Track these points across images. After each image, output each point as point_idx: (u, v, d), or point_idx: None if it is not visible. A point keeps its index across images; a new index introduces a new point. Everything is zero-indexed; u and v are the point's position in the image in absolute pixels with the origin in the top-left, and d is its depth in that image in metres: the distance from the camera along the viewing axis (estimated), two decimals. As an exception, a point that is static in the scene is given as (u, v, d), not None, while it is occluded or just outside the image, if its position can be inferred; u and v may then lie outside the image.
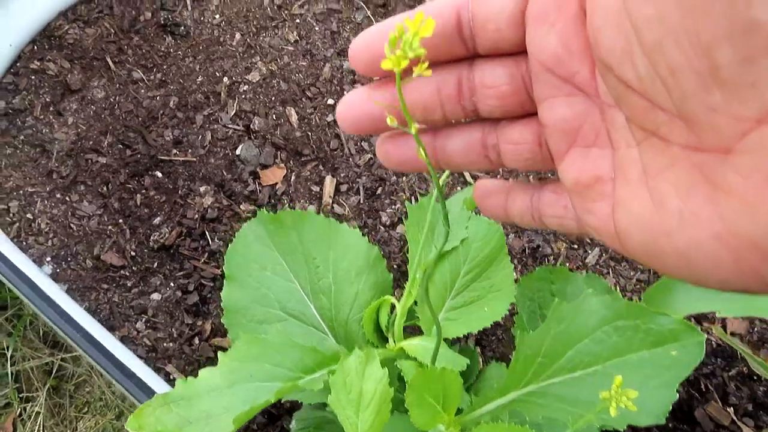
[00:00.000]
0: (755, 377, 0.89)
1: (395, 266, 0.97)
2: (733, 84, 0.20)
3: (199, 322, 0.92)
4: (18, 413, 1.05)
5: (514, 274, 0.96)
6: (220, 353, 0.55)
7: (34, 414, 1.04)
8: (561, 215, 0.31)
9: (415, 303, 0.60)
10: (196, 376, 0.88)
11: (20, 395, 1.07)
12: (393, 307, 0.61)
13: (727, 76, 0.20)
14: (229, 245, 0.65)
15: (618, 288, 0.94)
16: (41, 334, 1.09)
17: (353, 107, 0.32)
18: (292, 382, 0.52)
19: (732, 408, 0.86)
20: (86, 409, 1.06)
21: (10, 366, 1.08)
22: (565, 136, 0.28)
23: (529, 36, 0.28)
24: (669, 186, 0.24)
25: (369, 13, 1.17)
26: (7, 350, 1.07)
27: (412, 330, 0.68)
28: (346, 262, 0.62)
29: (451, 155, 0.33)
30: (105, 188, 1.01)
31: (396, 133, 0.33)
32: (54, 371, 1.09)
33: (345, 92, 1.11)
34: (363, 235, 1.00)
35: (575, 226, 0.31)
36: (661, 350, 0.50)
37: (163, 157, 1.03)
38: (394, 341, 0.59)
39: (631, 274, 0.96)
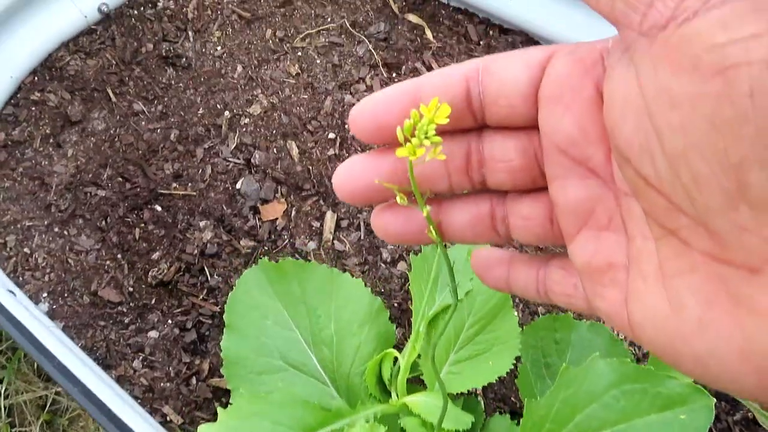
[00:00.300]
0: (760, 422, 0.88)
1: (396, 304, 0.96)
2: (764, 205, 0.20)
3: (197, 361, 0.91)
4: (10, 449, 1.03)
5: (517, 314, 0.96)
6: (219, 409, 0.54)
7: (26, 450, 1.03)
8: (569, 294, 0.30)
9: (419, 356, 0.59)
10: (193, 418, 0.87)
11: (13, 429, 1.05)
12: (396, 359, 0.60)
13: (758, 197, 0.20)
14: (230, 293, 0.64)
15: (620, 329, 0.93)
16: (35, 367, 1.08)
17: (352, 176, 0.30)
18: (294, 441, 0.51)
19: (736, 454, 0.85)
20: (80, 445, 1.04)
21: (4, 399, 1.06)
22: (577, 218, 0.28)
23: (542, 116, 0.27)
24: (688, 291, 0.23)
25: (371, 47, 1.17)
26: (1, 384, 1.05)
27: (416, 380, 0.67)
28: (349, 312, 0.61)
29: (457, 228, 0.32)
30: (103, 222, 1.00)
31: (394, 203, 0.31)
32: (48, 405, 1.07)
33: (346, 126, 1.10)
34: (363, 272, 1.00)
35: (585, 306, 0.30)
36: (670, 414, 0.49)
37: (162, 191, 1.03)
38: (397, 395, 0.58)
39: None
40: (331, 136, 1.09)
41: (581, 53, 0.26)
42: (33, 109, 1.08)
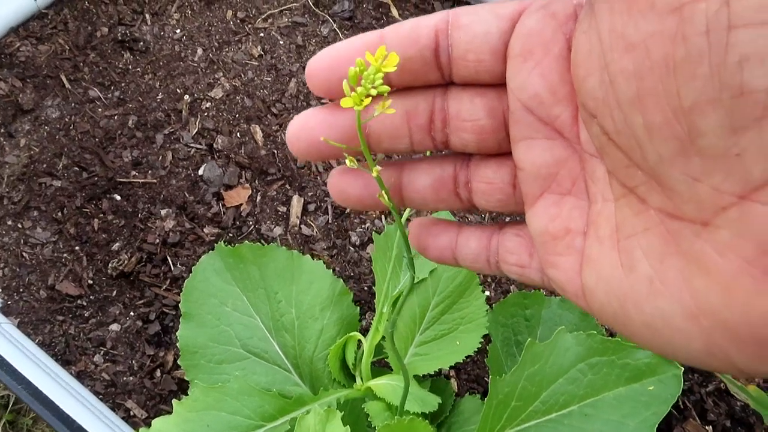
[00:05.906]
0: (732, 392, 0.88)
1: (366, 288, 0.94)
2: (716, 154, 0.18)
3: (161, 353, 0.88)
4: (-29, 452, 1.00)
5: (487, 292, 0.94)
6: (174, 401, 0.52)
7: (-11, 452, 0.99)
8: (524, 264, 0.28)
9: (384, 338, 0.57)
10: (158, 411, 0.84)
11: (-26, 432, 1.01)
12: (360, 342, 0.58)
13: (710, 145, 0.18)
14: (186, 281, 0.61)
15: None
16: (-4, 366, 1.04)
17: (306, 130, 0.28)
18: (253, 431, 0.49)
19: (711, 426, 0.85)
20: (45, 445, 1.01)
21: (-37, 401, 1.02)
22: (540, 181, 0.26)
23: (510, 72, 0.25)
24: (640, 251, 0.22)
25: (335, 26, 1.14)
26: (-41, 385, 1.01)
27: (382, 363, 0.65)
28: (310, 296, 0.59)
29: (418, 191, 0.30)
30: (60, 213, 0.96)
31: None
32: (10, 405, 1.03)
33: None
34: (332, 256, 0.97)
35: (538, 278, 0.28)
36: (638, 386, 0.48)
37: (121, 180, 0.99)
38: (362, 379, 0.56)
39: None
40: (296, 118, 1.06)
41: (555, 7, 0.25)
42: (-18, 97, 1.03)
